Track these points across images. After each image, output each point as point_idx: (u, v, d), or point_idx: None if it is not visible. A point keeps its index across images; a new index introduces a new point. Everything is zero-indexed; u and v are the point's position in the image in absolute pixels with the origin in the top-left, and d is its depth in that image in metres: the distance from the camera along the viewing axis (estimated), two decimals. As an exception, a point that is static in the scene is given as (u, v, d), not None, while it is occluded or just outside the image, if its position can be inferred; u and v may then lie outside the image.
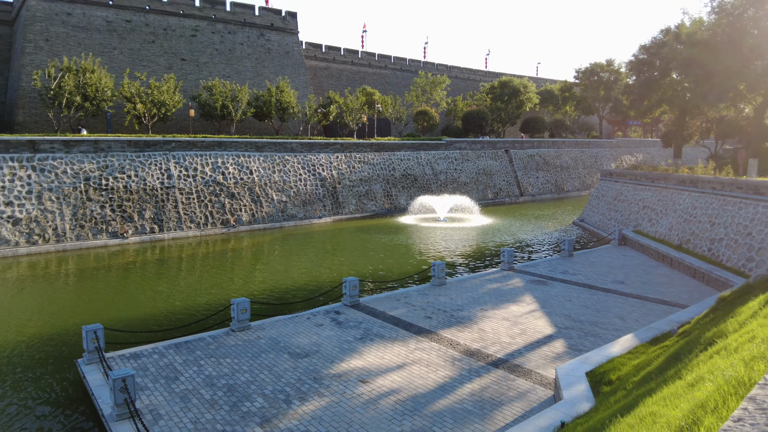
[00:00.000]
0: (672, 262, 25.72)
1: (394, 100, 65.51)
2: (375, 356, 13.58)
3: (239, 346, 14.31)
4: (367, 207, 47.63)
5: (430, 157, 55.90)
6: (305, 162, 44.99)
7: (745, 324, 8.25)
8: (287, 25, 65.15)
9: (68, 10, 50.06)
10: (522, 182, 63.92)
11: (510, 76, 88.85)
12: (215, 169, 39.42)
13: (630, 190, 37.77)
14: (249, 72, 60.71)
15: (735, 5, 32.29)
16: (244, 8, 61.57)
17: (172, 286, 24.03)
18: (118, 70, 49.98)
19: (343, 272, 26.03)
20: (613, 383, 10.24)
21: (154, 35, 54.80)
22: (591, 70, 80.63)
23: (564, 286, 21.32)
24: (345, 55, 77.81)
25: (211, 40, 58.67)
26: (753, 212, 23.28)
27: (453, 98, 78.45)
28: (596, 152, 76.92)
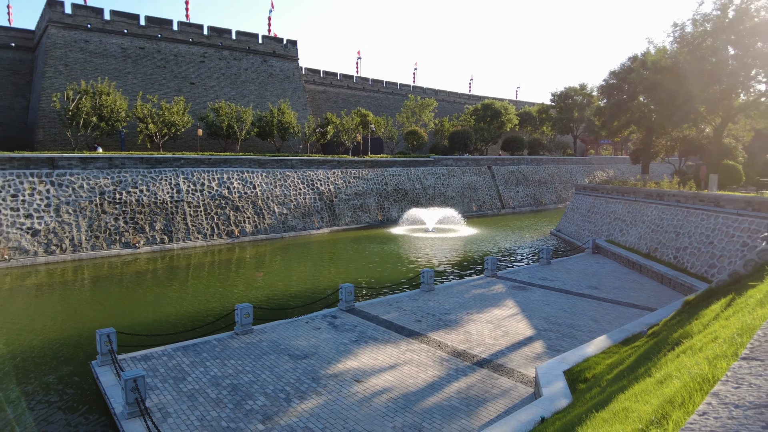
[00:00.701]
0: (641, 268, 25.80)
1: (386, 121, 65.83)
2: (369, 357, 13.50)
3: (243, 349, 14.18)
4: (361, 219, 47.60)
5: (419, 172, 56.05)
6: (304, 177, 44.98)
7: (708, 325, 8.26)
8: (288, 52, 65.44)
9: (86, 37, 50.07)
10: (503, 196, 64.15)
11: (492, 99, 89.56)
12: (221, 184, 39.31)
13: (602, 203, 37.96)
14: (253, 95, 60.83)
15: (694, 35, 32.75)
16: (249, 37, 61.84)
17: (180, 293, 23.83)
18: (132, 92, 49.96)
19: (340, 279, 25.93)
20: (588, 381, 10.22)
21: (166, 61, 54.88)
22: (566, 94, 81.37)
23: (543, 291, 21.32)
24: (341, 80, 78.17)
25: (218, 66, 58.81)
26: (714, 223, 23.46)
27: (440, 119, 78.88)
28: (571, 168, 77.40)
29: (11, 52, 52.54)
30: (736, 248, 21.07)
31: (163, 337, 15.95)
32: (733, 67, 31.47)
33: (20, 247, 29.22)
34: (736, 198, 23.10)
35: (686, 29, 33.65)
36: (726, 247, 21.77)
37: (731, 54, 31.64)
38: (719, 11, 31.55)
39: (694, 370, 4.81)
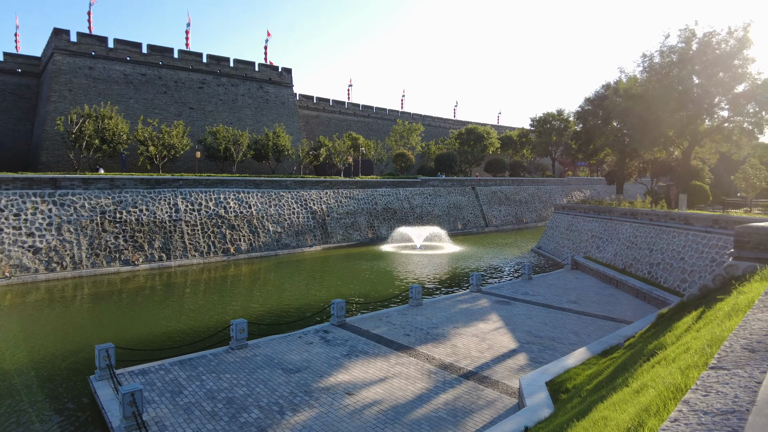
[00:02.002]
0: (618, 283, 25.96)
1: (376, 144, 66.25)
2: (360, 371, 13.37)
3: (237, 363, 13.99)
4: (352, 237, 47.51)
5: (407, 193, 56.26)
6: (298, 197, 44.94)
7: (681, 337, 8.31)
8: (283, 79, 65.89)
9: (90, 64, 50.08)
10: (487, 215, 64.48)
11: (475, 124, 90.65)
12: (218, 204, 39.13)
13: (580, 222, 38.30)
14: (249, 119, 60.99)
15: (662, 66, 33.54)
16: (246, 65, 62.23)
17: (177, 309, 23.51)
18: (133, 116, 49.87)
19: (331, 295, 25.76)
20: (569, 391, 10.19)
21: (166, 87, 54.97)
22: (544, 119, 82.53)
23: (525, 305, 21.35)
24: (333, 106, 78.71)
25: (216, 92, 59.00)
26: (684, 240, 23.76)
27: (427, 142, 79.55)
28: (550, 189, 78.14)
29: (17, 78, 52.36)
30: (706, 263, 21.33)
31: (161, 351, 15.70)
32: (698, 94, 32.24)
33: (21, 265, 28.74)
34: (704, 216, 23.46)
35: (654, 60, 34.47)
36: (696, 262, 22.02)
37: (696, 83, 32.42)
38: (684, 44, 32.41)
39: (668, 380, 4.84)
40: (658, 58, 34.22)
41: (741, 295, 8.08)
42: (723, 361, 2.21)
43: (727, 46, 30.84)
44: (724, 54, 30.72)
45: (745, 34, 30.35)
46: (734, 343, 2.48)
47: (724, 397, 1.76)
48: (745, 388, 1.82)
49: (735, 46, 30.54)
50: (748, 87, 31.14)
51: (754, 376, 1.93)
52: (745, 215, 23.85)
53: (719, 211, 29.60)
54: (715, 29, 31.63)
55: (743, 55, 30.54)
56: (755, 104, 31.11)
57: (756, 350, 2.29)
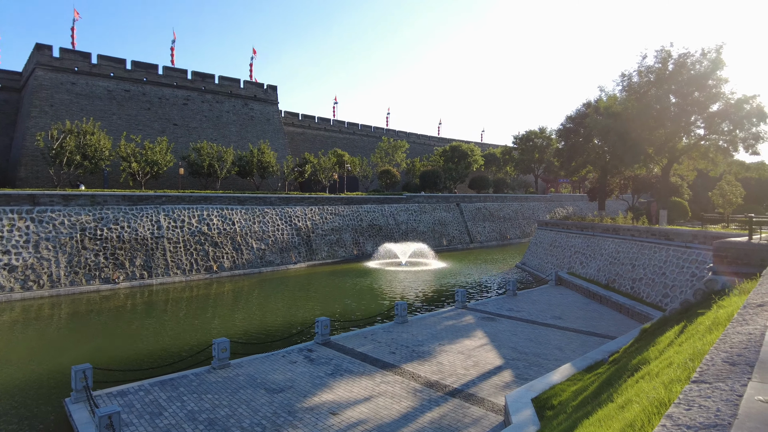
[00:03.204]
0: (601, 299, 26.15)
1: (362, 161, 66.48)
2: (344, 390, 13.18)
3: (219, 383, 13.69)
4: (337, 253, 47.29)
5: (392, 209, 56.36)
6: (282, 214, 44.70)
7: (664, 351, 8.37)
8: (268, 96, 66.02)
9: (73, 80, 49.65)
10: (471, 231, 64.80)
11: (459, 141, 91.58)
12: (201, 221, 38.72)
13: (563, 238, 38.66)
14: (234, 136, 60.82)
15: (640, 85, 34.41)
16: (231, 82, 62.27)
17: (158, 328, 23.02)
18: (116, 132, 49.39)
19: (316, 313, 25.51)
20: (555, 408, 10.15)
21: (150, 103, 54.67)
22: (527, 137, 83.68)
23: (510, 321, 21.35)
24: (319, 123, 78.98)
25: (201, 108, 58.83)
26: (665, 255, 24.09)
27: (411, 159, 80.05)
28: (533, 205, 78.96)
29: (-3, 94, 51.61)
30: (686, 278, 21.63)
31: (141, 372, 15.32)
32: (675, 113, 33.06)
33: (-3, 284, 27.95)
34: (684, 232, 23.86)
35: (633, 79, 35.36)
36: (677, 277, 22.32)
37: (673, 102, 33.28)
38: (660, 64, 33.34)
39: (652, 395, 4.85)
40: (636, 77, 35.12)
41: (721, 309, 8.18)
42: (705, 374, 2.21)
43: (701, 66, 31.79)
44: (698, 74, 31.64)
45: (718, 55, 31.34)
46: (715, 356, 2.49)
47: (707, 410, 1.76)
48: (726, 401, 1.82)
49: (709, 67, 31.49)
50: (722, 106, 32.05)
51: (735, 390, 1.93)
52: (723, 231, 24.33)
53: (698, 227, 30.16)
54: (690, 50, 32.65)
55: (717, 75, 31.49)
56: (729, 123, 32.00)
57: (736, 363, 2.30)
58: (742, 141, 32.32)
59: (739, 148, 33.24)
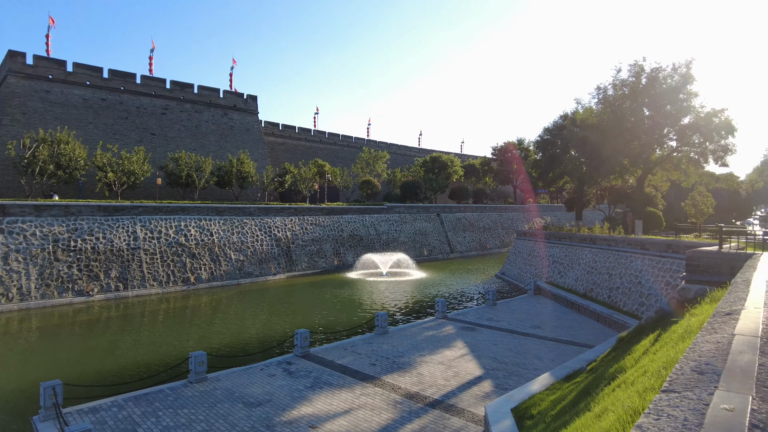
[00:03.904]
0: (579, 308, 26.46)
1: (342, 171, 66.43)
2: (324, 403, 13.03)
3: (196, 397, 13.41)
4: (318, 264, 47.00)
5: (373, 219, 56.36)
6: (262, 224, 44.30)
7: (639, 360, 8.49)
8: (248, 106, 65.69)
9: (47, 88, 48.69)
10: (452, 241, 65.14)
11: (439, 152, 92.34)
12: (178, 232, 38.12)
13: (541, 248, 39.12)
14: (213, 146, 60.25)
15: (615, 98, 35.28)
16: (210, 91, 61.82)
17: (134, 341, 22.49)
18: (92, 142, 48.46)
19: (296, 325, 25.24)
20: (534, 417, 10.19)
21: (128, 112, 53.88)
22: (505, 148, 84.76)
23: (490, 331, 21.44)
24: (299, 133, 78.81)
25: (180, 118, 58.20)
26: (641, 264, 24.55)
27: (392, 170, 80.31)
28: (512, 216, 79.82)
29: (-33, 102, 50.27)
30: (661, 287, 22.06)
31: (114, 387, 14.91)
32: (648, 126, 33.96)
33: (-37, 298, 27.02)
34: (658, 242, 24.38)
35: (608, 92, 36.24)
36: (652, 286, 22.75)
37: (647, 115, 34.20)
38: (634, 78, 34.26)
39: (627, 403, 4.91)
40: (611, 90, 36.00)
41: (693, 317, 8.35)
42: (674, 384, 2.25)
43: (673, 80, 32.78)
44: (670, 88, 32.61)
45: (688, 70, 32.38)
46: (684, 365, 2.54)
47: (675, 420, 1.78)
48: (694, 410, 1.85)
49: (680, 81, 32.49)
50: (692, 119, 33.05)
51: (702, 399, 1.96)
52: (696, 240, 24.93)
53: (672, 236, 30.84)
54: (662, 65, 33.67)
55: (687, 89, 32.50)
56: (700, 135, 32.99)
57: (704, 372, 2.34)
58: (712, 153, 33.33)
59: (710, 160, 34.26)
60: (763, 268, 8.21)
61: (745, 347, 2.68)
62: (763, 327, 3.20)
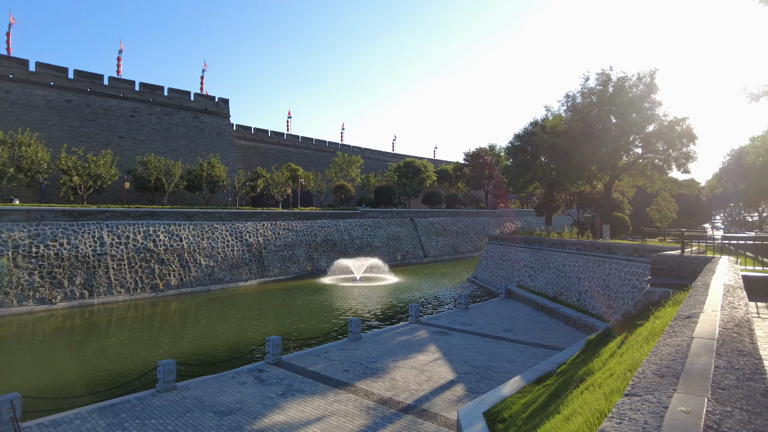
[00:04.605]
0: (549, 311, 26.92)
1: (316, 176, 66.06)
2: (296, 410, 12.89)
3: (165, 407, 13.08)
4: (290, 270, 46.55)
5: (347, 224, 56.21)
6: (233, 229, 43.65)
7: (606, 362, 8.68)
8: (220, 109, 64.78)
9: (8, 88, 46.97)
10: (425, 246, 65.51)
11: (413, 157, 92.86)
12: (147, 237, 37.22)
13: (512, 252, 39.70)
14: (183, 149, 59.13)
15: (584, 105, 36.16)
16: (181, 94, 60.72)
17: (99, 350, 21.81)
18: (56, 144, 46.91)
19: (267, 332, 24.92)
20: (506, 421, 10.30)
21: (95, 114, 52.41)
22: (477, 154, 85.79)
23: (462, 335, 21.61)
24: (272, 137, 78.11)
25: (149, 121, 56.95)
26: (609, 268, 25.17)
27: (366, 175, 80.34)
28: (484, 220, 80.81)
29: None
30: (628, 290, 22.65)
31: (78, 398, 14.42)
32: (615, 133, 34.91)
33: None
34: (625, 246, 25.04)
35: (577, 100, 37.13)
36: (620, 289, 23.34)
37: (613, 122, 35.15)
38: (601, 86, 35.21)
39: (594, 406, 5.02)
40: (579, 98, 36.89)
41: (657, 320, 8.60)
42: (636, 387, 2.32)
43: (638, 90, 33.83)
44: (635, 97, 33.64)
45: (652, 80, 33.47)
46: (646, 369, 2.61)
47: (635, 423, 1.83)
48: (653, 413, 1.91)
49: (644, 91, 33.56)
50: (657, 127, 34.16)
51: (661, 401, 2.03)
52: (660, 244, 25.71)
53: (638, 241, 31.73)
54: (628, 74, 34.67)
55: (651, 98, 33.59)
56: (663, 143, 34.10)
57: (664, 375, 2.42)
58: (674, 160, 34.48)
59: (673, 167, 35.43)
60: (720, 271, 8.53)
61: (703, 350, 2.77)
62: (720, 330, 3.32)
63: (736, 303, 4.87)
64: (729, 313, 4.13)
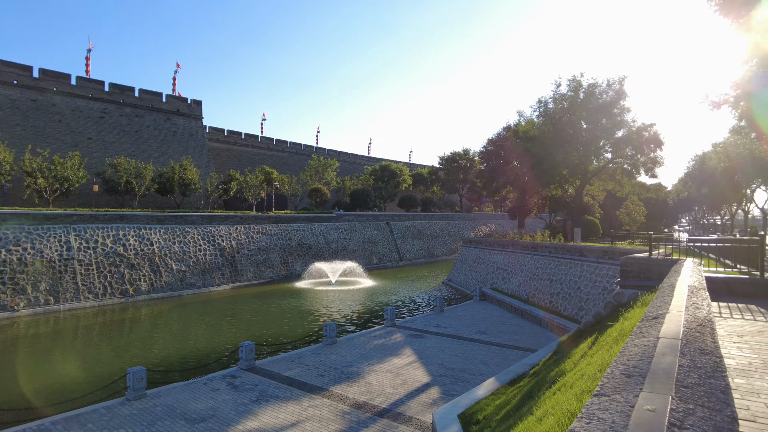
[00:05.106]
0: (522, 313, 27.29)
1: (291, 179, 65.57)
2: (270, 416, 12.73)
3: (134, 416, 12.75)
4: (264, 274, 46.02)
5: (322, 228, 55.93)
6: (205, 233, 42.93)
7: (578, 363, 8.85)
8: (192, 111, 63.75)
9: (-32, 88, 45.26)
10: (401, 249, 65.66)
11: (388, 161, 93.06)
12: (116, 241, 36.28)
13: (486, 255, 40.14)
14: (155, 151, 57.94)
15: (555, 111, 36.92)
16: (152, 95, 59.54)
17: (64, 358, 21.12)
18: (20, 145, 45.39)
19: (241, 337, 24.56)
20: (480, 422, 10.39)
21: (61, 115, 50.91)
22: (452, 158, 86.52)
23: (437, 338, 21.71)
24: (246, 139, 77.24)
25: (119, 122, 55.63)
26: (580, 270, 25.68)
27: (342, 178, 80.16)
28: (459, 224, 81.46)
29: None
30: (598, 292, 23.14)
31: (42, 409, 13.93)
32: (586, 138, 35.73)
33: None
34: (595, 248, 25.60)
35: (549, 106, 37.88)
36: (590, 291, 23.83)
37: (584, 128, 35.98)
38: (572, 93, 36.01)
39: (565, 406, 5.11)
40: (551, 104, 37.65)
41: (626, 321, 8.82)
42: (605, 387, 2.37)
43: (608, 96, 34.73)
44: (605, 103, 34.52)
45: (621, 87, 34.42)
46: (615, 369, 2.68)
47: (603, 423, 1.88)
48: (621, 413, 1.96)
49: (614, 97, 34.47)
50: (625, 133, 35.11)
51: (629, 401, 2.08)
52: (629, 247, 26.38)
53: (608, 243, 32.51)
54: (598, 81, 35.56)
55: (621, 104, 34.53)
56: (632, 148, 35.06)
57: (632, 375, 2.48)
58: (643, 165, 35.50)
59: (641, 171, 36.47)
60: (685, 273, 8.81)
61: (668, 350, 2.86)
62: (684, 330, 3.43)
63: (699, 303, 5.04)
64: (693, 314, 4.27)
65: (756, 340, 6.57)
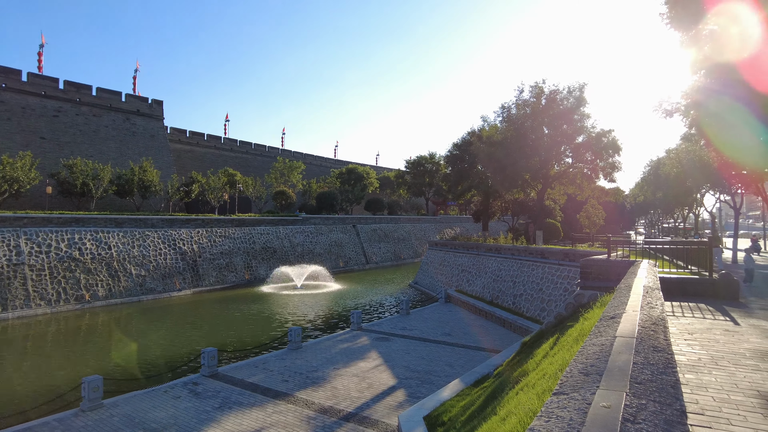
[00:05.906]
0: (486, 314, 27.71)
1: (255, 181, 64.57)
2: (233, 424, 12.47)
3: (89, 427, 12.25)
4: (227, 278, 45.11)
5: (288, 231, 55.30)
6: (165, 237, 41.77)
7: (540, 363, 9.06)
8: (153, 111, 62.00)
9: None
10: (368, 252, 65.63)
11: (355, 164, 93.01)
12: (71, 245, 34.85)
13: (451, 257, 40.60)
14: (113, 152, 56.01)
15: (518, 116, 37.72)
16: (111, 94, 57.58)
17: (12, 370, 20.11)
18: (-35, 145, 43.07)
19: (203, 343, 23.97)
20: (445, 424, 10.49)
21: (11, 113, 48.58)
22: (418, 162, 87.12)
23: (403, 340, 21.80)
24: (208, 140, 75.67)
25: (75, 122, 53.51)
26: (542, 272, 26.28)
27: (308, 181, 79.54)
28: (425, 227, 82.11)
29: None
30: (560, 293, 23.75)
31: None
32: (547, 143, 36.63)
33: None
34: (557, 251, 26.26)
35: (512, 111, 38.66)
36: (552, 292, 24.42)
37: (546, 133, 36.88)
38: (535, 99, 36.88)
39: (527, 406, 5.23)
40: (514, 109, 38.44)
41: (586, 321, 9.09)
42: (564, 386, 2.44)
43: (568, 103, 35.72)
44: (566, 110, 35.50)
45: (581, 93, 35.47)
46: (573, 368, 2.76)
47: (562, 420, 1.93)
48: (578, 410, 2.02)
49: (574, 104, 35.49)
50: (585, 138, 36.19)
51: (586, 399, 2.15)
52: (589, 249, 27.19)
53: (569, 246, 33.41)
54: (559, 87, 36.51)
55: (581, 111, 35.58)
56: (591, 153, 36.18)
57: (589, 373, 2.56)
58: (602, 169, 36.66)
59: (600, 176, 37.65)
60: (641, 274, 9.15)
61: (624, 348, 2.97)
62: (639, 328, 3.57)
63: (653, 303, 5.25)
64: (647, 313, 4.44)
65: (705, 337, 6.89)
